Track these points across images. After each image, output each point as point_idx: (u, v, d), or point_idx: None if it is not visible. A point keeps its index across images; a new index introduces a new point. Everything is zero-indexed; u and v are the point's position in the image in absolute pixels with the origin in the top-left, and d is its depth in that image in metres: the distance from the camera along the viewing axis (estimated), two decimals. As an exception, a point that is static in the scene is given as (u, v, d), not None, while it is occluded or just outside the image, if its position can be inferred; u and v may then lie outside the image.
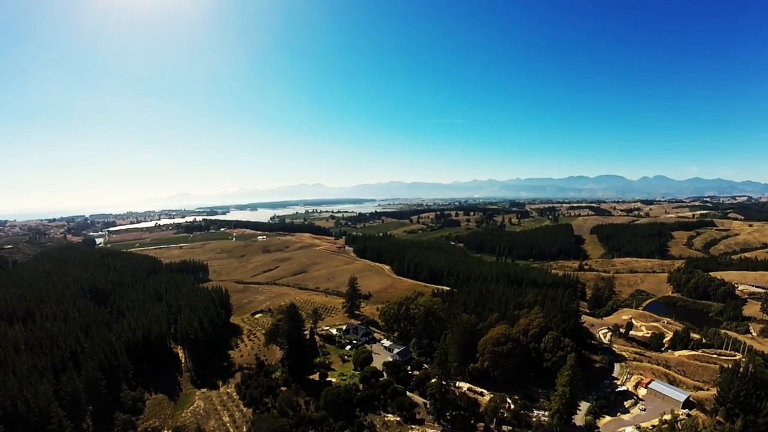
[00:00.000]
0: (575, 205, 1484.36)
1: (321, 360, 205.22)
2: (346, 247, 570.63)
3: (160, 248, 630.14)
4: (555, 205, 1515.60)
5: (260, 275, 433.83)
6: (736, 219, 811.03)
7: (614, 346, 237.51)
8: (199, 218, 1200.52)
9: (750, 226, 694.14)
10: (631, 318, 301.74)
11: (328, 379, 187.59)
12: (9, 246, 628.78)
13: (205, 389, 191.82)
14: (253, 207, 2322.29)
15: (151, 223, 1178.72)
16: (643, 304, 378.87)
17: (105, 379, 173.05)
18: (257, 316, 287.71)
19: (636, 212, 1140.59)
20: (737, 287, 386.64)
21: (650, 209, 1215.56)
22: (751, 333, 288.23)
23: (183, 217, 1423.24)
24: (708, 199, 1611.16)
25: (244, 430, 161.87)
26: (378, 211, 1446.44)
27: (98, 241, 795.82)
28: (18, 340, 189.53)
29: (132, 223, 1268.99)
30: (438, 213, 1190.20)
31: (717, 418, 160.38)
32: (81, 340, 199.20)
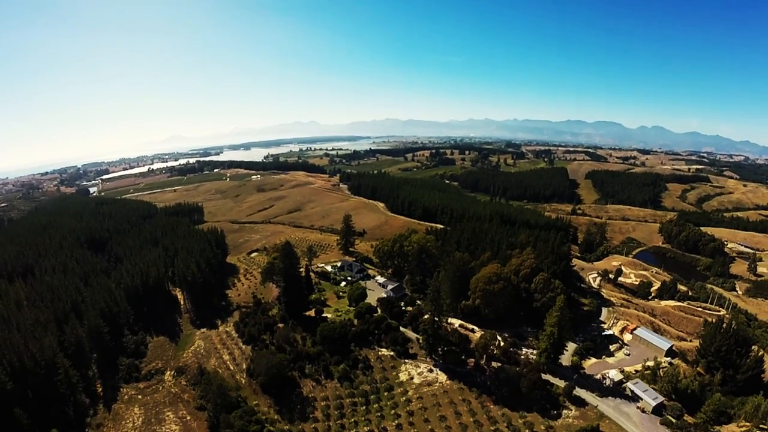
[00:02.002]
0: (571, 149, 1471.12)
1: (316, 296, 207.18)
2: (341, 185, 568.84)
3: (154, 193, 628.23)
4: (551, 148, 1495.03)
5: (255, 214, 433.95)
6: (732, 177, 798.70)
7: (603, 290, 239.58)
8: (192, 160, 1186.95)
9: (744, 186, 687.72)
10: (620, 265, 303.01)
11: (323, 315, 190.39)
12: (3, 204, 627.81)
13: (204, 329, 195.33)
14: (247, 146, 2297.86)
15: (144, 168, 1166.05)
16: (634, 252, 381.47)
17: (107, 326, 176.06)
18: (253, 255, 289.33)
19: (632, 161, 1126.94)
20: (727, 245, 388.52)
21: (646, 159, 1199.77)
22: (737, 291, 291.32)
23: (176, 160, 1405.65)
24: (705, 155, 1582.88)
25: (244, 366, 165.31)
26: (373, 148, 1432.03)
27: (92, 190, 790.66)
28: (19, 296, 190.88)
29: (125, 169, 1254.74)
30: (433, 151, 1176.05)
31: (698, 369, 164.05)
32: (81, 290, 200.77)
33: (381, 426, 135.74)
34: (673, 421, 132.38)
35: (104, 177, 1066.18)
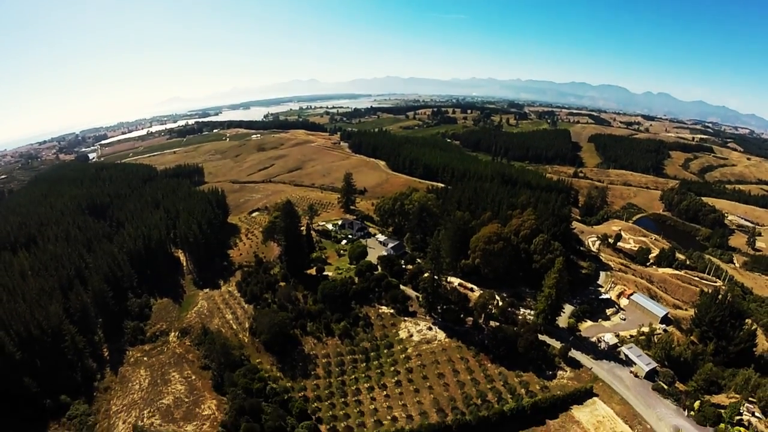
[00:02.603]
0: (575, 111, 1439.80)
1: (318, 255, 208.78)
2: (341, 143, 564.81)
3: (154, 155, 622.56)
4: (554, 109, 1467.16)
5: (256, 174, 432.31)
6: (735, 150, 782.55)
7: (602, 255, 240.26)
8: (191, 121, 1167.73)
9: (748, 159, 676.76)
10: (620, 230, 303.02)
11: (324, 273, 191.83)
12: (3, 176, 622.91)
13: (207, 289, 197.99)
14: (246, 106, 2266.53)
15: (143, 131, 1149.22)
16: (634, 218, 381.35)
17: (111, 290, 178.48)
18: (254, 214, 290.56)
19: (636, 126, 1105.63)
20: (727, 216, 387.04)
21: (650, 125, 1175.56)
22: (734, 264, 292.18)
23: (175, 121, 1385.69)
24: (710, 125, 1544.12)
25: (247, 325, 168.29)
26: (374, 106, 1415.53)
27: (91, 156, 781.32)
28: (23, 266, 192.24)
29: (123, 133, 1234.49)
30: (435, 109, 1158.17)
31: (691, 338, 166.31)
32: (84, 256, 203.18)
33: (381, 382, 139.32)
34: (665, 387, 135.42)
35: (103, 142, 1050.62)
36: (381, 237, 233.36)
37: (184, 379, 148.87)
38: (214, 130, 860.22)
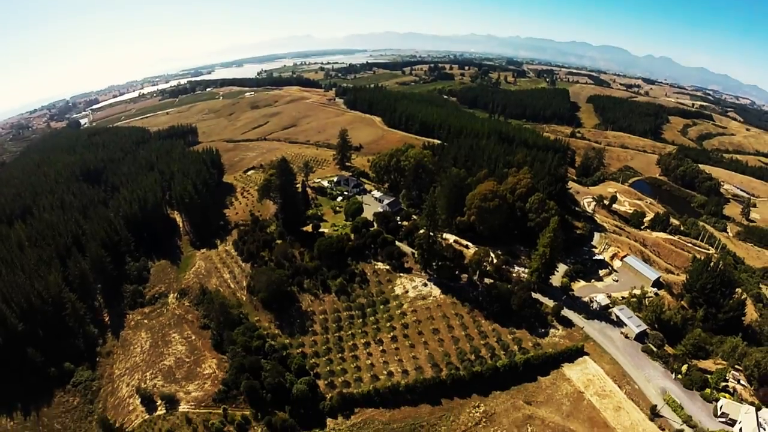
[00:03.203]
0: (574, 71, 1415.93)
1: (313, 212, 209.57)
2: (337, 99, 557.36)
3: (146, 117, 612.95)
4: (554, 68, 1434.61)
5: (250, 132, 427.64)
6: (735, 119, 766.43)
7: (596, 216, 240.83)
8: (183, 81, 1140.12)
9: (747, 130, 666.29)
10: (616, 192, 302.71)
11: (320, 230, 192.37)
12: None
13: (204, 249, 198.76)
14: (239, 63, 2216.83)
15: (135, 94, 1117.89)
16: (630, 181, 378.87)
17: (109, 255, 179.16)
18: (249, 173, 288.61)
19: (636, 89, 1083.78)
20: (723, 185, 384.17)
21: (651, 89, 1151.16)
22: (728, 233, 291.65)
23: (167, 82, 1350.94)
24: (711, 93, 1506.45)
25: (244, 284, 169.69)
26: (369, 62, 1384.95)
27: (83, 122, 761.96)
28: (20, 237, 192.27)
29: (115, 96, 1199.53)
30: (432, 66, 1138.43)
31: (682, 303, 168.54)
32: (80, 222, 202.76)
33: (377, 338, 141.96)
34: (654, 349, 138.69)
35: (94, 107, 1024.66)
36: (377, 193, 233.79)
37: (184, 340, 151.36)
38: (207, 89, 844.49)
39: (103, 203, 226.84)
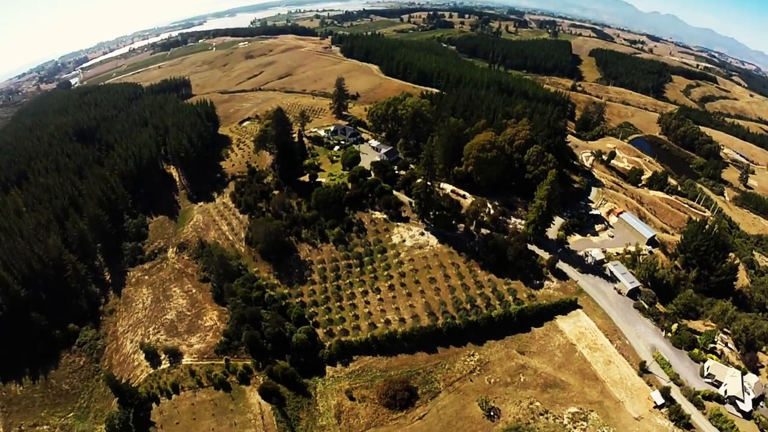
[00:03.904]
0: (578, 23, 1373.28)
1: (310, 161, 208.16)
2: (333, 48, 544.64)
3: (138, 72, 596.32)
4: (556, 19, 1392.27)
5: (245, 83, 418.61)
6: (739, 84, 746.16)
7: (594, 170, 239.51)
8: (174, 33, 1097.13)
9: (751, 95, 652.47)
10: (615, 148, 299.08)
11: (318, 179, 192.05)
12: None
13: (202, 203, 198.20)
14: (232, 13, 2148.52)
15: (125, 49, 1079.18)
16: (629, 138, 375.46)
17: (107, 214, 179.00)
18: (245, 124, 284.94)
19: (640, 45, 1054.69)
20: (723, 149, 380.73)
21: (655, 46, 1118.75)
22: (725, 197, 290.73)
23: (158, 35, 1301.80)
24: (716, 55, 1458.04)
25: (242, 235, 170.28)
26: (366, 9, 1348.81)
27: (73, 81, 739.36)
28: (17, 203, 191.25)
29: (104, 54, 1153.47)
30: (431, 13, 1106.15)
31: (675, 262, 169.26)
32: (76, 183, 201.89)
33: (374, 287, 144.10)
34: (646, 307, 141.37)
35: (84, 65, 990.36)
36: (374, 142, 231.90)
37: (185, 293, 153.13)
38: (200, 41, 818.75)
39: (98, 162, 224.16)
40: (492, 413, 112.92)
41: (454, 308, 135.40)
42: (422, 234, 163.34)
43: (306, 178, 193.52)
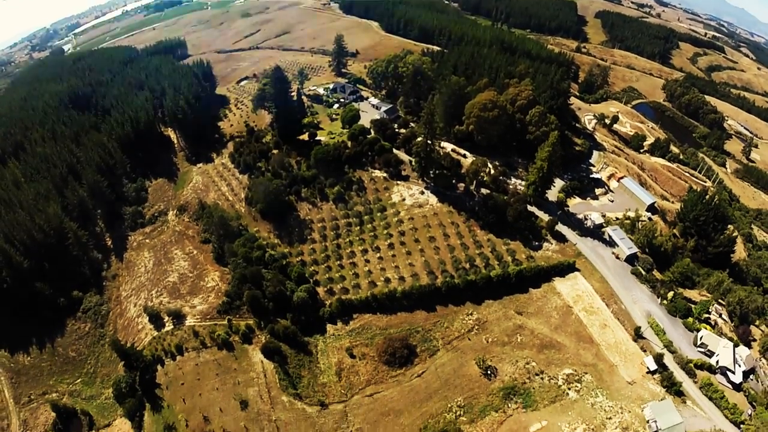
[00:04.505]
0: None
1: (309, 120, 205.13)
2: (332, 4, 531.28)
3: (132, 35, 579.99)
4: None
5: (242, 41, 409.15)
6: (748, 56, 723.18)
7: (596, 134, 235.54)
8: None
9: (759, 69, 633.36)
10: (618, 112, 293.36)
11: (317, 138, 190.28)
12: None
13: (201, 164, 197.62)
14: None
15: (118, 12, 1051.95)
16: (633, 103, 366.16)
17: (105, 180, 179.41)
18: (243, 83, 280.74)
19: (647, 9, 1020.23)
20: (727, 120, 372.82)
21: (663, 11, 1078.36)
22: (726, 168, 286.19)
23: None
24: (725, 24, 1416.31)
25: (242, 195, 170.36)
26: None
27: (66, 48, 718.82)
28: (15, 175, 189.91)
29: (97, 18, 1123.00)
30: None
31: (674, 231, 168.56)
32: (74, 151, 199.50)
33: (374, 245, 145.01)
34: (643, 273, 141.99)
35: (76, 31, 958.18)
36: (374, 100, 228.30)
37: (186, 255, 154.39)
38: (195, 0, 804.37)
39: (95, 128, 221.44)
40: (489, 372, 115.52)
41: (453, 267, 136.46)
42: (422, 193, 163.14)
43: (305, 136, 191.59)
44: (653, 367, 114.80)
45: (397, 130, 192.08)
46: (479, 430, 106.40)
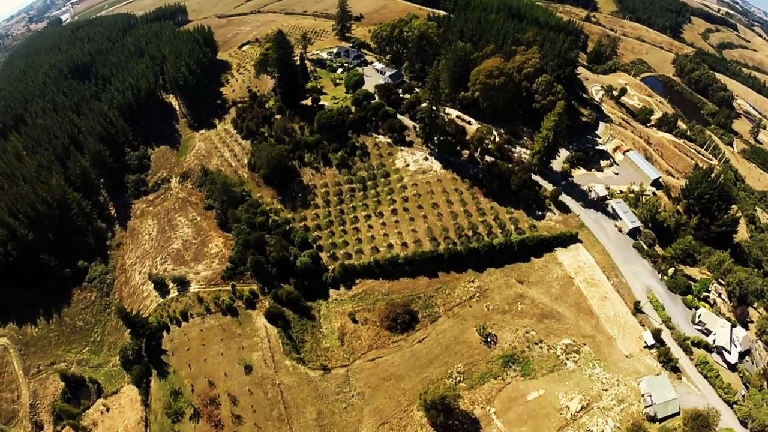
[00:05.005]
0: None
1: (313, 85, 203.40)
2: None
3: (131, 1, 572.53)
4: None
5: (243, 5, 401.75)
6: (761, 36, 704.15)
7: (603, 105, 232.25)
8: None
9: None
10: (626, 84, 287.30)
11: (320, 103, 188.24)
12: None
13: (203, 130, 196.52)
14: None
15: None
16: (642, 75, 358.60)
17: (107, 149, 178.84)
18: (245, 48, 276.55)
19: None
20: (736, 99, 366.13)
21: None
22: (733, 148, 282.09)
23: None
24: (739, 1, 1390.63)
25: (245, 161, 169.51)
26: None
27: (64, 18, 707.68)
28: (17, 148, 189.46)
29: None
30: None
31: (678, 207, 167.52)
32: (75, 121, 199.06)
33: (377, 211, 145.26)
34: (645, 247, 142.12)
35: (74, 0, 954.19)
36: (378, 65, 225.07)
37: (190, 222, 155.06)
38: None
39: (96, 97, 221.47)
40: (489, 339, 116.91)
41: (455, 234, 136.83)
42: (426, 159, 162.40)
43: (308, 101, 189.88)
44: (651, 341, 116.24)
45: (401, 95, 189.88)
46: (478, 397, 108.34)
